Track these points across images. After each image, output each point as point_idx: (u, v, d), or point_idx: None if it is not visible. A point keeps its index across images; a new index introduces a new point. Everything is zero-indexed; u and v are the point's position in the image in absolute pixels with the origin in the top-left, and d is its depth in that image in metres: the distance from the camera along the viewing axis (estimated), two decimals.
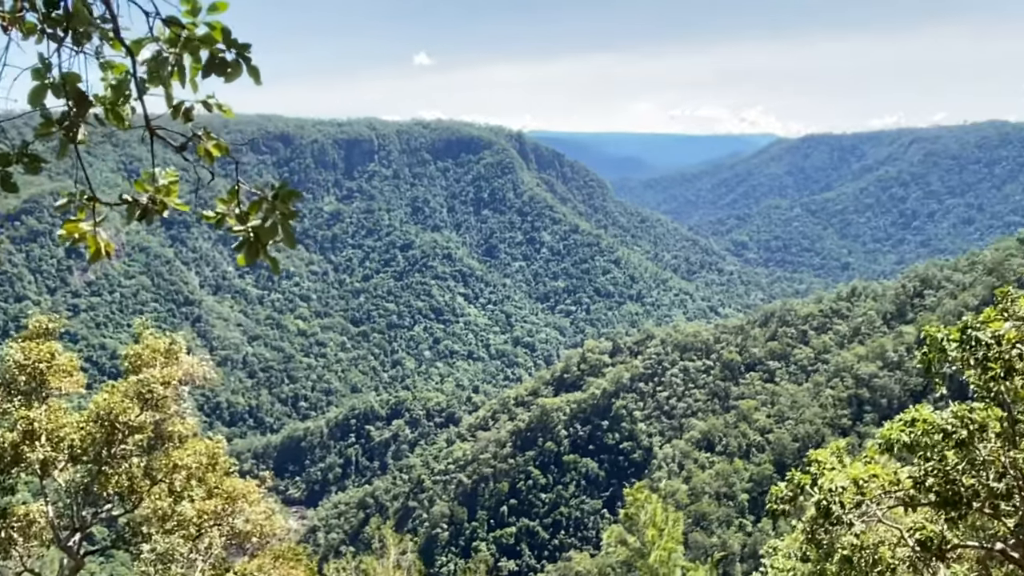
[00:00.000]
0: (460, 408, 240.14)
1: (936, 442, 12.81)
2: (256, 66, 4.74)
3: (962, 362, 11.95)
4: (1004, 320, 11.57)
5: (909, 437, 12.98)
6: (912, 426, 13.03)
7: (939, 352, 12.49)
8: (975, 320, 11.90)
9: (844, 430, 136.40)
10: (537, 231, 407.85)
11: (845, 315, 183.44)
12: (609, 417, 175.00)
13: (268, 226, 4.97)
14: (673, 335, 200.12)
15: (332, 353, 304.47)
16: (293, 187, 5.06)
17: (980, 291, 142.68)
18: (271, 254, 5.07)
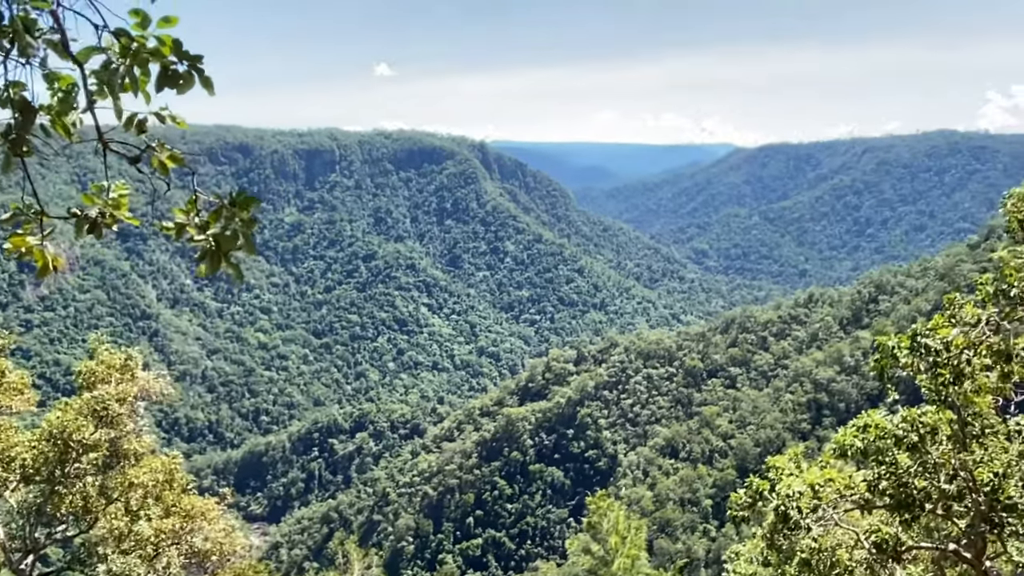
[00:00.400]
0: (425, 419, 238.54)
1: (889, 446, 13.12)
2: (209, 77, 4.67)
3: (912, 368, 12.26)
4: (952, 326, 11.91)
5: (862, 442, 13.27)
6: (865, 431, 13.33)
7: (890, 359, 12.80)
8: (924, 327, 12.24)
9: (804, 434, 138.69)
10: (501, 241, 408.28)
11: (803, 321, 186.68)
12: (574, 426, 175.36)
13: (229, 234, 4.92)
14: (636, 343, 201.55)
15: (294, 366, 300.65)
16: (254, 196, 5.24)
17: (932, 296, 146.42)
18: (233, 262, 5.04)
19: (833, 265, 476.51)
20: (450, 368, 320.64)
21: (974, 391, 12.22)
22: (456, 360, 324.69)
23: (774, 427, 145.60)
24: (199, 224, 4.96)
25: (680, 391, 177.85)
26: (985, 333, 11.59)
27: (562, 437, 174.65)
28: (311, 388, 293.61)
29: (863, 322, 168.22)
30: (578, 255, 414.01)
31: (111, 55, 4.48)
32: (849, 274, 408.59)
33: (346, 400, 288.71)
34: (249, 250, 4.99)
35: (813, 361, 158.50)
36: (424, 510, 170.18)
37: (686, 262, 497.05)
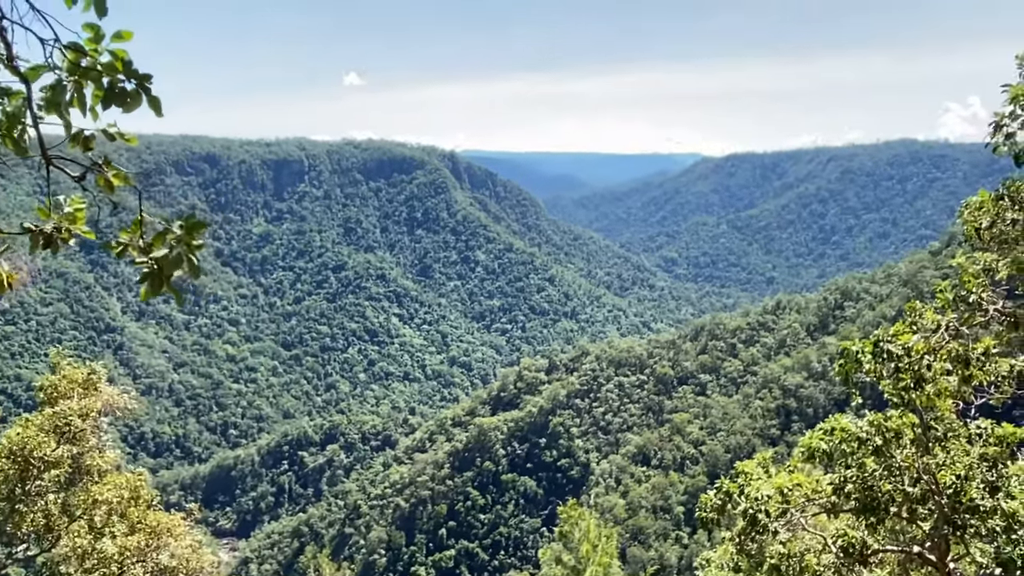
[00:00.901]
0: (396, 430, 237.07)
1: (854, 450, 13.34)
2: (156, 97, 4.58)
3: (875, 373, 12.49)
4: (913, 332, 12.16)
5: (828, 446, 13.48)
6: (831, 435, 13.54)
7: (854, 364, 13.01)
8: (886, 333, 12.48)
9: (773, 440, 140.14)
10: (472, 250, 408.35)
11: (771, 328, 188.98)
12: (546, 434, 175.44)
13: (172, 258, 4.80)
14: (607, 351, 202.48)
15: (263, 378, 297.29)
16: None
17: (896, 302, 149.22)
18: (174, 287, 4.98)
19: (800, 272, 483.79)
20: (421, 378, 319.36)
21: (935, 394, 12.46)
22: (427, 370, 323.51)
23: (744, 433, 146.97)
24: (142, 246, 4.84)
25: (651, 399, 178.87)
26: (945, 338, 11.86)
27: (534, 446, 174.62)
28: (280, 400, 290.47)
29: (830, 328, 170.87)
30: (549, 264, 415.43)
31: (60, 73, 4.41)
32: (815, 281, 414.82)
33: (316, 412, 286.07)
34: (193, 273, 4.88)
35: (781, 367, 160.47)
36: (396, 522, 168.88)
37: (656, 270, 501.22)
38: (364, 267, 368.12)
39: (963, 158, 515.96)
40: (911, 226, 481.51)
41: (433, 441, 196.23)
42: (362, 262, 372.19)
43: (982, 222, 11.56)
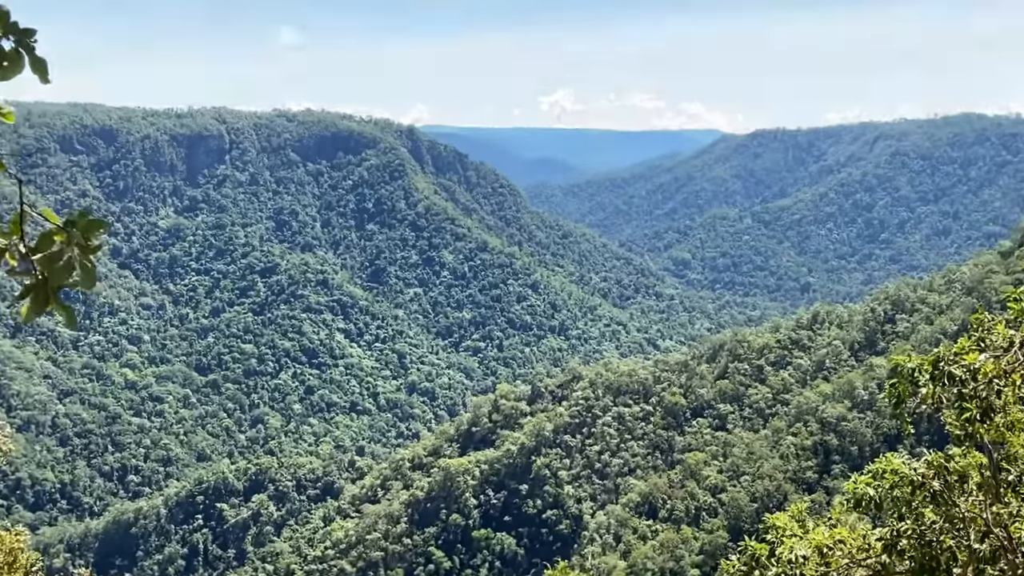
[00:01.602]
0: (340, 475, 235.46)
1: (908, 497, 13.45)
2: (42, 59, 4.40)
3: (934, 400, 12.61)
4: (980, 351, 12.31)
5: (877, 492, 13.58)
6: (880, 479, 13.65)
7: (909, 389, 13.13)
8: (948, 352, 12.61)
9: (810, 485, 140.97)
10: (436, 249, 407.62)
11: (807, 346, 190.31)
12: (529, 480, 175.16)
13: (61, 265, 4.49)
14: (604, 375, 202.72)
15: (171, 411, 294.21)
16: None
17: (959, 314, 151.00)
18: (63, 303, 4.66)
19: (841, 277, 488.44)
20: (373, 410, 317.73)
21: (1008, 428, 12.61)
22: (380, 399, 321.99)
23: (773, 477, 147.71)
24: (23, 252, 4.55)
25: (658, 434, 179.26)
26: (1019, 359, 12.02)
27: (514, 494, 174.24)
28: (193, 439, 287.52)
29: (878, 347, 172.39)
30: (532, 267, 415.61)
31: None
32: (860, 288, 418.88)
33: (239, 453, 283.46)
34: (87, 284, 4.62)
35: (819, 395, 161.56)
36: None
37: (664, 275, 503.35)
38: (301, 270, 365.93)
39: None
40: (976, 221, 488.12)
41: (387, 489, 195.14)
42: (298, 264, 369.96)
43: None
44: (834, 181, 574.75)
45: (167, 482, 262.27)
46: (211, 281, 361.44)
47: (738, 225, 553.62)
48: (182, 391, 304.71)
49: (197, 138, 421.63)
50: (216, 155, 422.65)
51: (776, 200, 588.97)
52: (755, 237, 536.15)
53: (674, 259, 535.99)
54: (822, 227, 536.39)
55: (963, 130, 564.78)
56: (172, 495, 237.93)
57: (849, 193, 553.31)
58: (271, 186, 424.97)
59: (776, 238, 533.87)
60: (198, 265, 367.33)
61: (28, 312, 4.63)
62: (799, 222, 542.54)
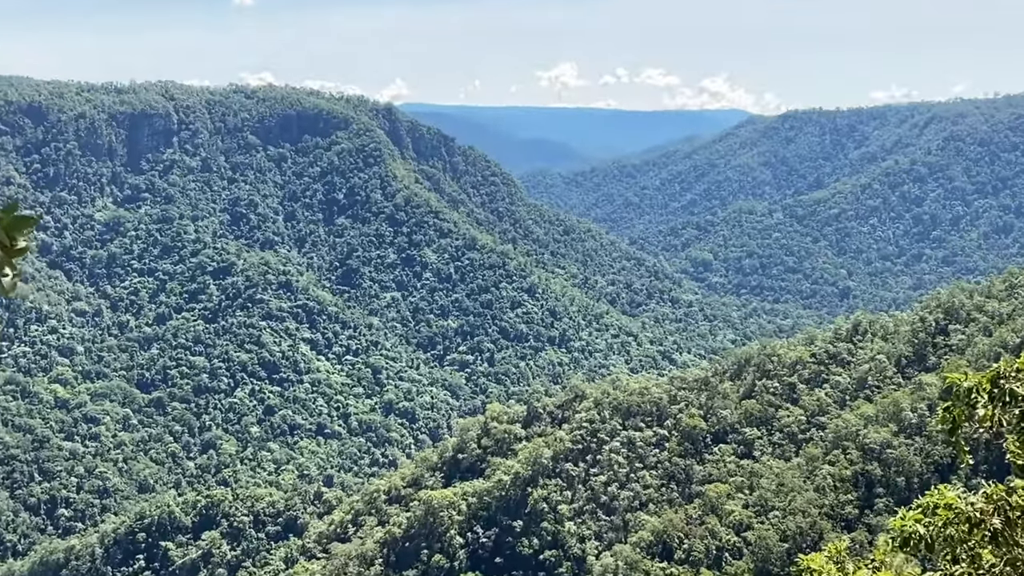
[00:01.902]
0: (305, 510, 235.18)
1: (964, 535, 13.47)
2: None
3: (993, 423, 12.63)
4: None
5: (928, 530, 13.59)
6: (932, 515, 13.66)
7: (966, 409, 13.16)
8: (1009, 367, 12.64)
9: (849, 522, 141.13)
10: (417, 247, 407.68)
11: (846, 361, 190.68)
12: (524, 515, 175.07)
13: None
14: (612, 394, 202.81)
15: (109, 434, 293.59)
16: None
17: (1022, 324, 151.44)
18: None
19: (887, 281, 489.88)
20: (343, 433, 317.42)
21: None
22: (352, 421, 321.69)
23: (808, 513, 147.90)
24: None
25: (675, 463, 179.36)
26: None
27: (506, 532, 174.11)
28: (135, 466, 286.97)
29: (929, 361, 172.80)
30: (528, 268, 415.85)
31: None
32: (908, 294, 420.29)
33: (187, 483, 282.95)
34: (6, 290, 4.73)
35: (861, 418, 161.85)
36: None
37: (681, 278, 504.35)
38: (260, 271, 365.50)
39: None
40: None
41: (359, 525, 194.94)
42: (257, 264, 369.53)
43: None
44: (878, 170, 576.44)
45: (103, 517, 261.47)
46: (156, 283, 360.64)
47: (767, 221, 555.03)
48: (121, 411, 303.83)
49: (141, 117, 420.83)
50: (162, 137, 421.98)
51: (811, 192, 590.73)
52: (786, 235, 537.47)
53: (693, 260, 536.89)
54: (864, 223, 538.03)
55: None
56: (109, 532, 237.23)
57: (896, 184, 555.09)
58: (226, 173, 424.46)
59: (811, 236, 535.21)
60: (141, 265, 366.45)
61: None
62: (837, 217, 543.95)
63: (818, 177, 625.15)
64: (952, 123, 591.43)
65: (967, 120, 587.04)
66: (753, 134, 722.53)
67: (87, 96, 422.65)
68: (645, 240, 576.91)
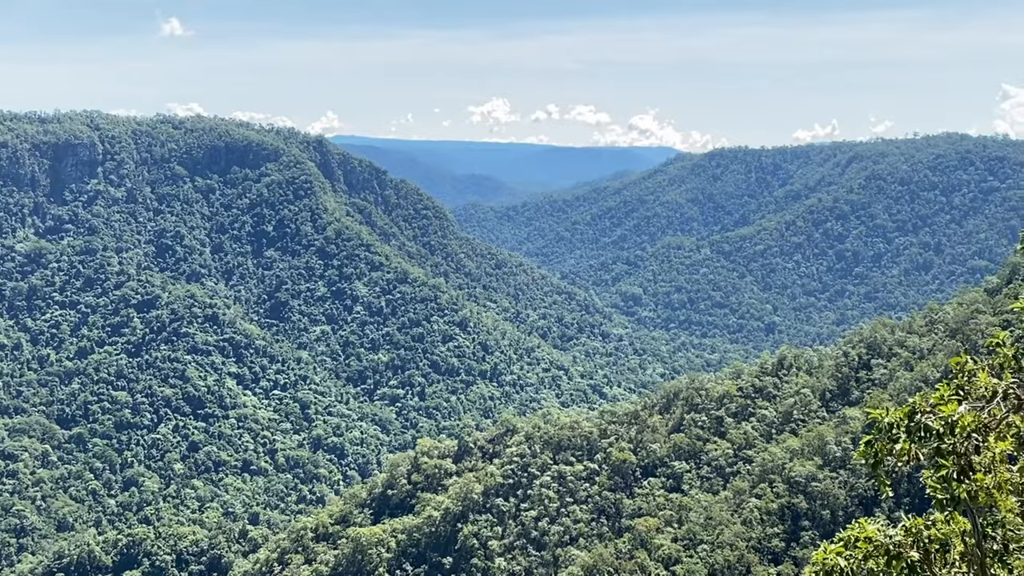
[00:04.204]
0: (230, 548, 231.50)
1: (884, 569, 13.67)
2: None
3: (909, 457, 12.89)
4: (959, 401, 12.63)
5: (850, 564, 13.78)
6: (853, 548, 13.86)
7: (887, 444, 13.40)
8: (924, 402, 12.91)
9: (776, 555, 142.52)
10: (348, 280, 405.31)
11: (772, 395, 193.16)
12: (454, 552, 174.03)
13: None
14: (543, 428, 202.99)
15: (27, 470, 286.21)
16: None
17: (942, 359, 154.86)
18: None
19: (811, 316, 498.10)
20: (269, 469, 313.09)
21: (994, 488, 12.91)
22: (279, 457, 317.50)
23: (735, 546, 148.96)
24: None
25: (604, 497, 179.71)
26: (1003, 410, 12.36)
27: (436, 569, 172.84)
28: (53, 504, 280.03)
29: (852, 396, 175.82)
30: (460, 301, 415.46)
31: None
32: (832, 329, 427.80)
33: (108, 521, 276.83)
34: None
35: (786, 451, 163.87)
36: None
37: (611, 312, 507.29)
38: (186, 304, 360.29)
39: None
40: (960, 254, 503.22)
41: (285, 564, 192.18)
42: (183, 296, 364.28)
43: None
44: (802, 208, 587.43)
45: (20, 556, 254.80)
46: (78, 316, 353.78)
47: (695, 256, 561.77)
48: (40, 447, 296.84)
49: (65, 147, 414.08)
50: (87, 167, 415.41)
51: (737, 228, 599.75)
52: (714, 270, 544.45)
53: (623, 294, 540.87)
54: (789, 259, 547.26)
55: (945, 152, 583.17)
56: (26, 572, 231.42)
57: (819, 221, 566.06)
58: (152, 204, 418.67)
59: (738, 271, 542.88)
60: (62, 297, 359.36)
61: None
62: (763, 253, 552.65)
63: (744, 214, 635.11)
64: (873, 162, 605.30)
65: (888, 159, 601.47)
66: (681, 171, 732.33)
67: (9, 125, 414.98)
68: (576, 274, 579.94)
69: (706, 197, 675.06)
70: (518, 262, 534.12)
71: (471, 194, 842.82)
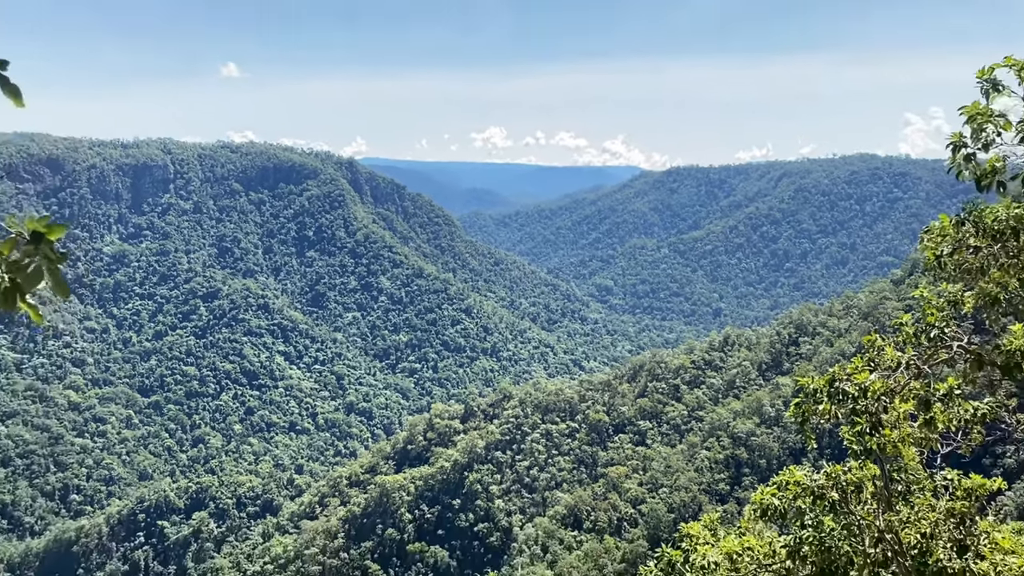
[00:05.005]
0: (280, 493, 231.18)
1: (810, 506, 13.76)
2: (16, 86, 4.43)
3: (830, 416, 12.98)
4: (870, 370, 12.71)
5: (782, 503, 13.87)
6: (784, 490, 13.94)
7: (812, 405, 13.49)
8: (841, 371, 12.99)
9: (722, 496, 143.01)
10: (374, 276, 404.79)
11: (719, 367, 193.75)
12: (461, 494, 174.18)
13: (31, 272, 4.61)
14: (533, 394, 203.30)
15: (114, 431, 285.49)
16: (62, 223, 4.81)
17: (856, 337, 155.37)
18: (31, 302, 4.76)
19: (750, 303, 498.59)
20: (311, 429, 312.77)
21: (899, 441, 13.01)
22: (319, 419, 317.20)
23: (689, 489, 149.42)
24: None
25: (583, 450, 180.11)
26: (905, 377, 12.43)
27: (447, 509, 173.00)
28: (136, 458, 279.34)
29: (783, 367, 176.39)
30: (465, 292, 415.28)
31: None
32: (767, 313, 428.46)
33: (180, 472, 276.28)
34: (61, 291, 4.79)
35: (730, 412, 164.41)
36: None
37: (588, 300, 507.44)
38: (242, 295, 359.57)
39: (926, 176, 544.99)
40: (871, 252, 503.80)
41: (325, 505, 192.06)
42: (240, 289, 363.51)
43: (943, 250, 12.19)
44: (743, 215, 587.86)
45: (109, 501, 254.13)
46: (154, 305, 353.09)
47: (656, 255, 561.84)
48: (125, 412, 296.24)
49: (143, 168, 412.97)
50: (161, 184, 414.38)
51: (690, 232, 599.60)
52: (671, 266, 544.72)
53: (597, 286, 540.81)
54: (732, 257, 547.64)
55: (859, 169, 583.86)
56: (114, 513, 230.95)
57: (756, 226, 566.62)
58: (214, 214, 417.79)
59: (690, 267, 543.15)
60: (142, 290, 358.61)
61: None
62: (711, 252, 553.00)
63: (696, 220, 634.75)
64: (800, 177, 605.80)
65: (812, 175, 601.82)
66: (644, 185, 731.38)
67: (98, 150, 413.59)
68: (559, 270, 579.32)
69: (665, 207, 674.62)
70: (512, 260, 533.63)
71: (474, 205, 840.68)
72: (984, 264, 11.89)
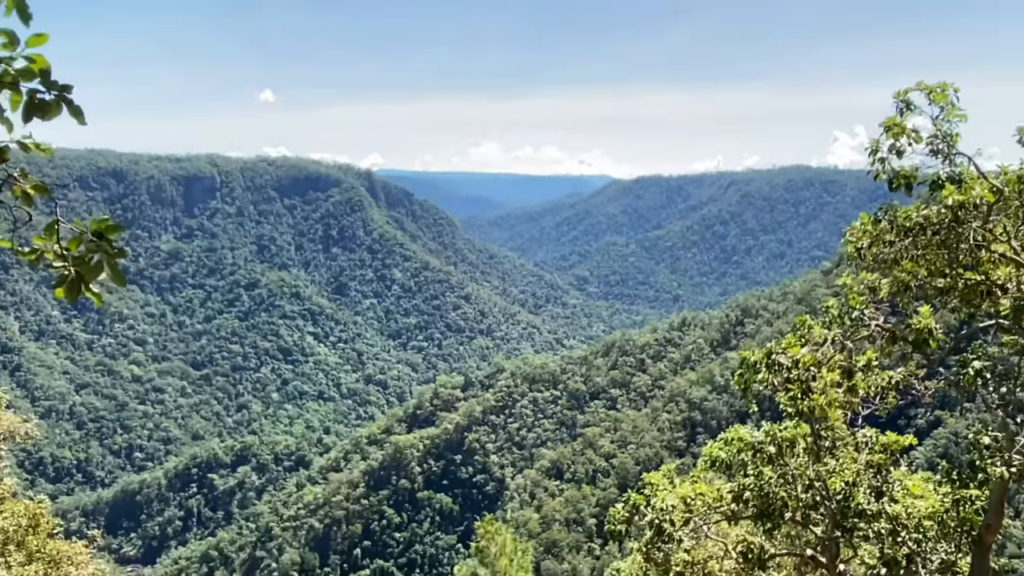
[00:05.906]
0: (310, 450, 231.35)
1: (751, 459, 13.86)
2: (79, 107, 4.39)
3: (768, 384, 13.05)
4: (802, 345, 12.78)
5: (728, 455, 13.96)
6: (730, 445, 14.03)
7: (752, 375, 13.55)
8: (777, 346, 13.06)
9: (680, 451, 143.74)
10: (388, 268, 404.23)
11: (677, 343, 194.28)
12: (462, 451, 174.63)
13: (93, 264, 4.64)
14: (522, 368, 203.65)
15: (171, 399, 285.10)
16: (125, 224, 4.80)
17: (792, 318, 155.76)
18: (95, 290, 4.77)
19: (703, 290, 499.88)
20: (337, 397, 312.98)
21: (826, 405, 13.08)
22: (343, 389, 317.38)
23: (652, 446, 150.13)
24: (59, 252, 4.65)
25: (564, 414, 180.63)
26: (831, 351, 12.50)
27: (450, 463, 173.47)
28: (189, 422, 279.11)
29: (731, 344, 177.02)
30: (465, 282, 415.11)
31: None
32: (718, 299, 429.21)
33: (227, 433, 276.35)
34: (118, 281, 4.73)
35: (687, 381, 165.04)
36: (310, 543, 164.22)
37: (568, 288, 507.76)
38: (278, 285, 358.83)
39: (851, 183, 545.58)
40: (805, 247, 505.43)
41: (348, 460, 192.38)
42: (276, 280, 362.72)
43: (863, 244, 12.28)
44: (698, 216, 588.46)
45: (167, 458, 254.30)
46: (204, 294, 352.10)
47: (625, 250, 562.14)
48: (180, 383, 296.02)
49: (193, 179, 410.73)
50: (209, 192, 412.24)
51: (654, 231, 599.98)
52: (638, 259, 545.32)
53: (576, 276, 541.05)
54: (688, 252, 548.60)
55: (795, 178, 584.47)
56: (171, 468, 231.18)
57: (709, 225, 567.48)
58: (254, 217, 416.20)
59: (654, 260, 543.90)
60: (193, 281, 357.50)
61: (62, 294, 4.74)
62: (671, 248, 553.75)
63: (658, 221, 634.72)
64: (746, 185, 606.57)
65: (755, 183, 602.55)
66: (615, 192, 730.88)
67: (155, 163, 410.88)
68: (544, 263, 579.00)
69: (632, 210, 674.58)
70: (504, 255, 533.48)
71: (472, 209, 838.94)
72: (897, 256, 11.97)
